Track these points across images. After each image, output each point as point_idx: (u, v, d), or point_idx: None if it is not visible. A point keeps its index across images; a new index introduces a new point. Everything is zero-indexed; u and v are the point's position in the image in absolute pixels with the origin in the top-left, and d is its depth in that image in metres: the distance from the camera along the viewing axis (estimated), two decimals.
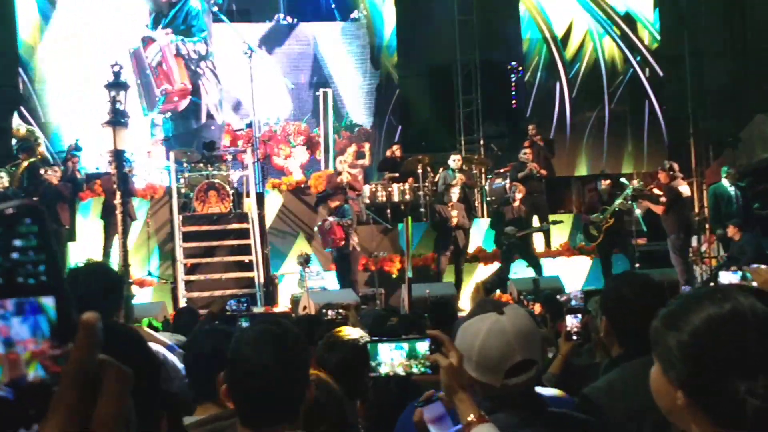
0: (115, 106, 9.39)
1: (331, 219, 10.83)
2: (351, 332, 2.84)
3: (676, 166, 11.02)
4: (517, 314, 1.84)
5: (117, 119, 9.39)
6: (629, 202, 11.16)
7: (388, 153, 13.77)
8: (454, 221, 11.19)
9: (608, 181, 11.49)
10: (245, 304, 6.57)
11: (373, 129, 15.58)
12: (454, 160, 12.43)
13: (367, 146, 14.06)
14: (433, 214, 11.76)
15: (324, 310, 5.45)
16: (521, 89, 16.02)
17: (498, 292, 10.23)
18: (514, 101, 16.04)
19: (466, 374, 1.75)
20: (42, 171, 11.54)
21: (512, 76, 16.02)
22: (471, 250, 12.21)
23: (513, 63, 15.89)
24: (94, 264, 2.69)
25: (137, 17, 14.72)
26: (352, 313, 5.20)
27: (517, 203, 11.42)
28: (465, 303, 10.13)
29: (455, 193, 11.60)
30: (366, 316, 5.31)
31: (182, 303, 10.89)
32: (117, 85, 9.57)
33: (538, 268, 11.44)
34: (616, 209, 11.09)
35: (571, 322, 3.56)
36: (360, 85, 15.73)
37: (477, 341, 1.80)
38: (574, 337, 3.56)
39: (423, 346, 1.99)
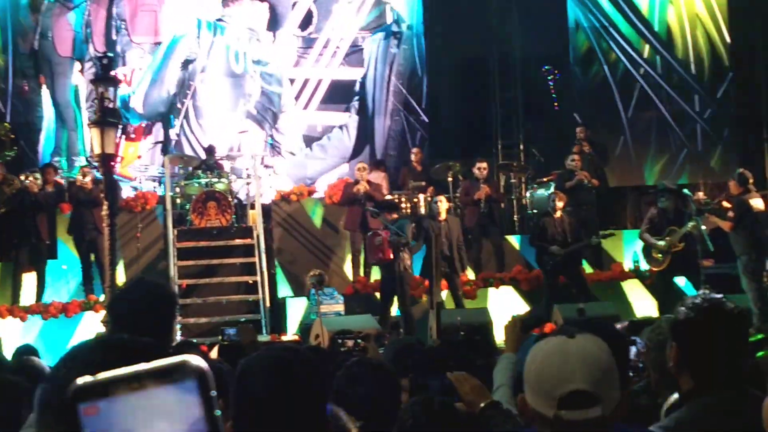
0: (104, 103, 9.51)
1: (382, 234, 10.79)
2: (374, 359, 2.86)
3: (749, 175, 10.89)
4: (589, 341, 1.82)
5: (105, 119, 9.50)
6: (698, 221, 10.95)
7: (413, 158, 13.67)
8: (442, 242, 10.97)
9: (672, 197, 11.21)
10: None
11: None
12: (479, 168, 12.39)
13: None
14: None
15: (340, 339, 5.45)
16: (566, 87, 15.95)
17: None
18: (555, 103, 15.94)
19: None
20: (22, 177, 11.68)
21: (549, 77, 15.85)
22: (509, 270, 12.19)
23: (546, 67, 15.72)
24: (144, 281, 2.78)
25: None
26: (371, 345, 5.20)
27: (558, 214, 11.31)
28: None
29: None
30: (390, 346, 5.28)
31: (176, 329, 10.95)
32: (106, 79, 9.69)
33: (586, 292, 11.36)
34: (688, 231, 10.90)
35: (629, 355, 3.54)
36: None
37: (535, 362, 1.81)
38: (630, 374, 3.53)
39: None
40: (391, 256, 10.66)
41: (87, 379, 0.84)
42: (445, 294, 11.21)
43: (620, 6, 15.59)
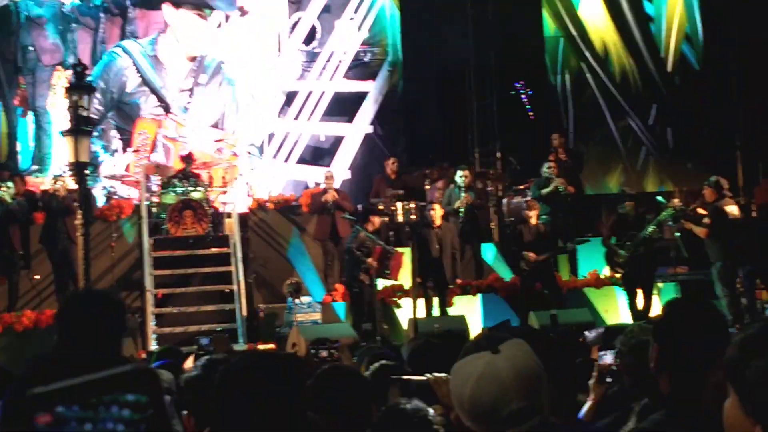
0: (77, 111, 9.40)
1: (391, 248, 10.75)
2: (345, 365, 2.82)
3: (724, 182, 10.93)
4: (515, 352, 1.77)
5: (79, 127, 9.39)
6: (670, 224, 11.02)
7: (388, 170, 13.44)
8: (435, 250, 11.00)
9: (631, 203, 11.23)
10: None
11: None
12: (462, 176, 12.36)
13: None
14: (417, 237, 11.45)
15: (313, 350, 5.37)
16: (542, 96, 16.01)
17: None
18: (530, 114, 15.98)
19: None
20: None
21: (521, 93, 15.91)
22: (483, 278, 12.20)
23: (519, 83, 15.78)
24: (92, 291, 2.77)
25: None
26: (345, 355, 5.14)
27: (534, 221, 11.32)
28: None
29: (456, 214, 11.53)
30: (363, 355, 5.22)
31: (152, 339, 10.82)
32: (80, 87, 9.57)
33: (560, 298, 11.37)
34: (648, 235, 10.91)
35: (605, 360, 3.51)
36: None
37: (467, 387, 1.75)
38: (608, 379, 3.50)
39: None
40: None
41: (40, 388, 0.85)
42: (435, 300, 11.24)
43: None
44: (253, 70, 15.09)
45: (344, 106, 15.13)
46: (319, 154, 14.99)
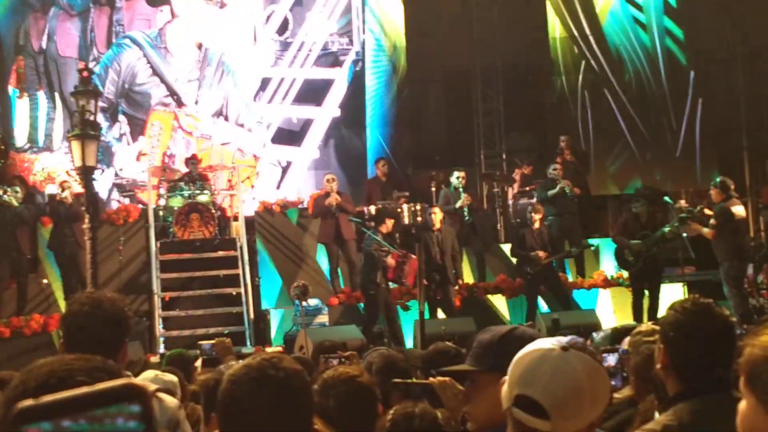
0: (84, 116, 9.41)
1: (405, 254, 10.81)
2: (350, 370, 2.82)
3: (730, 182, 10.90)
4: (575, 360, 1.74)
5: (86, 131, 9.40)
6: (676, 225, 11.02)
7: (379, 172, 13.31)
8: (436, 252, 10.96)
9: (642, 204, 11.22)
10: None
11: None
12: (458, 177, 12.37)
13: None
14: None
15: (324, 359, 5.33)
16: (548, 97, 16.01)
17: None
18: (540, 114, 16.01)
19: None
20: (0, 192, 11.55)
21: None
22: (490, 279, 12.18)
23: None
24: (96, 295, 2.74)
25: None
26: (355, 361, 5.13)
27: (537, 225, 11.30)
28: None
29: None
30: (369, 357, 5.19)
31: (159, 342, 10.85)
32: (87, 92, 9.58)
33: (566, 300, 11.33)
34: (666, 233, 10.89)
35: (609, 362, 3.51)
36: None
37: (520, 355, 1.80)
38: (612, 382, 3.49)
39: None
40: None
41: (29, 402, 0.84)
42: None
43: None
44: (233, 58, 15.57)
45: (313, 92, 15.72)
46: (290, 136, 15.59)
